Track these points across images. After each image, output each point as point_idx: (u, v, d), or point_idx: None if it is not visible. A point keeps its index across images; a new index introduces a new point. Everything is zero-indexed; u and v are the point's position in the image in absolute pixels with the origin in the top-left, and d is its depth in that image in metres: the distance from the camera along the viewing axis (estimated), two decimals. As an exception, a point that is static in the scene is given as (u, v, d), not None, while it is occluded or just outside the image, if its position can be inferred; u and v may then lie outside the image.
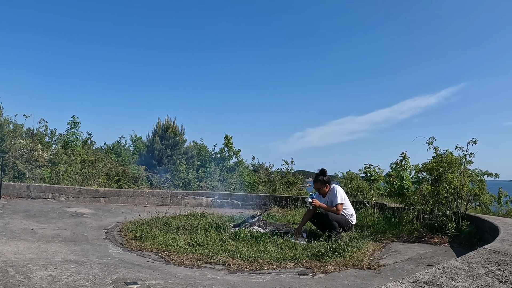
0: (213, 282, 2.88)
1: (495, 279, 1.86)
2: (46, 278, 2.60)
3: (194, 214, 6.39)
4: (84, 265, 3.06)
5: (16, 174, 8.91)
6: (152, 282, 2.73)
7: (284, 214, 7.48)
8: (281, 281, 3.08)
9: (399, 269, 3.46)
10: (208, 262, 3.67)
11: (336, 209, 4.96)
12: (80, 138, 13.28)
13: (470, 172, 5.59)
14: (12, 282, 2.44)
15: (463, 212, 5.17)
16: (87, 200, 8.08)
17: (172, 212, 6.48)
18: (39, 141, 10.60)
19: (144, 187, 11.02)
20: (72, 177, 9.76)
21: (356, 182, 10.08)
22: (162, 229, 5.10)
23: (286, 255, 3.99)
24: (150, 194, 8.90)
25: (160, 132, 16.35)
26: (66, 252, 3.61)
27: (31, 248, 3.62)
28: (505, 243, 2.92)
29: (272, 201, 8.85)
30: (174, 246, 4.20)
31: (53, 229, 4.79)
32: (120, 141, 17.64)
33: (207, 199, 9.27)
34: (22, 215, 5.59)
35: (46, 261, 3.11)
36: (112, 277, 2.77)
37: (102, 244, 4.31)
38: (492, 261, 2.24)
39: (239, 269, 3.46)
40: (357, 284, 3.00)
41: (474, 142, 5.36)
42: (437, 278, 1.82)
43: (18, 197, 7.52)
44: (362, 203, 7.12)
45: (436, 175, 5.55)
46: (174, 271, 3.25)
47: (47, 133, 11.73)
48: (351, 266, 3.59)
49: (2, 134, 10.00)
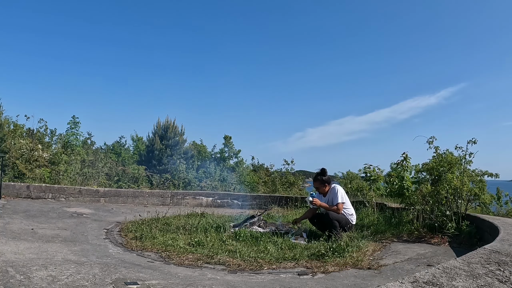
0: (213, 282, 2.88)
1: (495, 279, 1.86)
2: (46, 278, 2.60)
3: (194, 214, 6.39)
4: (84, 265, 3.06)
5: (16, 174, 8.90)
6: (152, 282, 2.73)
7: (284, 214, 7.47)
8: (281, 281, 3.08)
9: (399, 269, 3.46)
10: (208, 262, 3.67)
11: (337, 208, 4.97)
12: (80, 138, 13.28)
13: (470, 172, 5.60)
14: (12, 282, 2.44)
15: (463, 212, 5.17)
16: (87, 200, 8.08)
17: (172, 212, 6.48)
18: (39, 141, 10.61)
19: (144, 187, 11.03)
20: (72, 177, 9.76)
21: (356, 182, 10.08)
22: (162, 229, 5.10)
23: (286, 255, 3.99)
24: (150, 194, 8.90)
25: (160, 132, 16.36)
26: (66, 252, 3.61)
27: (31, 248, 3.62)
28: (505, 243, 2.92)
29: (272, 201, 8.85)
30: (174, 246, 4.20)
31: (53, 229, 4.79)
32: (120, 141, 17.66)
33: (207, 199, 9.27)
34: (22, 215, 5.59)
35: (46, 261, 3.11)
36: (112, 277, 2.77)
37: (102, 244, 4.31)
38: (492, 261, 2.24)
39: (239, 269, 3.46)
40: (357, 284, 3.00)
41: (474, 142, 5.37)
42: (437, 278, 1.82)
43: (18, 197, 7.52)
44: (362, 203, 7.12)
45: (436, 175, 5.55)
46: (174, 271, 3.25)
47: (47, 133, 11.74)
48: (351, 266, 3.59)
49: (2, 134, 10.01)
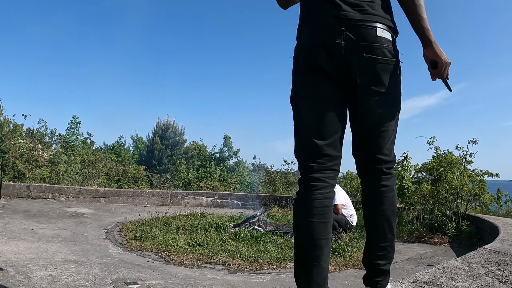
0: (213, 282, 2.88)
1: (495, 279, 1.86)
2: (46, 278, 2.60)
3: (194, 214, 6.39)
4: (84, 265, 3.06)
5: (16, 174, 8.90)
6: (152, 282, 2.73)
7: (284, 214, 7.47)
8: (281, 281, 3.08)
9: (399, 269, 3.46)
10: (208, 262, 3.67)
11: (336, 209, 4.98)
12: (80, 138, 13.29)
13: (470, 172, 5.60)
14: (12, 282, 2.44)
15: (463, 212, 5.17)
16: (87, 200, 8.08)
17: (172, 212, 6.48)
18: (39, 141, 10.61)
19: (144, 187, 11.03)
20: (72, 177, 9.76)
21: (356, 182, 10.08)
22: (162, 229, 5.10)
23: (286, 255, 3.98)
24: (150, 194, 8.90)
25: (160, 132, 16.38)
26: (66, 252, 3.61)
27: (31, 248, 3.61)
28: (505, 243, 2.92)
29: (272, 201, 8.85)
30: (174, 246, 4.20)
31: (53, 229, 4.79)
32: (120, 141, 17.67)
33: (207, 199, 9.27)
34: (22, 215, 5.59)
35: (46, 261, 3.11)
36: (112, 277, 2.77)
37: (102, 244, 4.31)
38: (492, 261, 2.24)
39: (239, 269, 3.46)
40: (357, 284, 3.00)
41: (474, 142, 5.37)
42: (437, 278, 1.82)
43: (18, 197, 7.52)
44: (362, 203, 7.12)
45: (436, 175, 5.56)
46: (174, 271, 3.25)
47: (47, 133, 11.74)
48: (351, 266, 3.59)
49: (2, 134, 10.01)
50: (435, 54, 1.36)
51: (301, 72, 1.37)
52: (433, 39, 1.37)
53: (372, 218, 1.44)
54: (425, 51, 1.39)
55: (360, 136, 1.40)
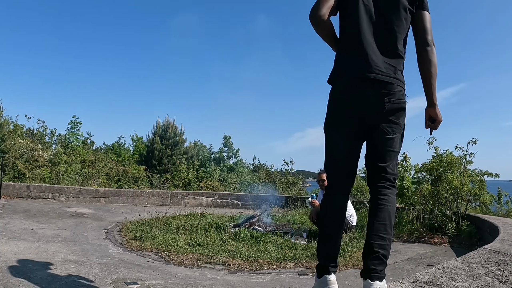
0: (213, 282, 2.88)
1: (495, 279, 1.86)
2: (46, 278, 2.60)
3: (194, 214, 6.39)
4: (84, 265, 3.06)
5: (16, 174, 8.90)
6: (152, 282, 2.73)
7: (284, 214, 7.48)
8: (281, 281, 3.08)
9: (399, 269, 3.46)
10: (208, 262, 3.67)
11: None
12: (80, 138, 13.29)
13: (470, 172, 5.60)
14: (12, 282, 2.44)
15: (463, 212, 5.17)
16: (87, 200, 8.08)
17: (172, 212, 6.48)
18: (39, 141, 10.61)
19: (144, 187, 11.03)
20: (72, 177, 9.75)
21: (356, 182, 10.08)
22: (162, 229, 5.10)
23: (286, 255, 3.99)
24: (150, 194, 8.90)
25: (160, 132, 16.36)
26: (66, 252, 3.61)
27: (31, 248, 3.61)
28: (505, 243, 2.92)
29: (272, 201, 8.86)
30: (174, 246, 4.20)
31: (53, 229, 4.79)
32: (120, 141, 17.66)
33: (207, 199, 9.27)
34: (22, 215, 5.59)
35: (46, 261, 3.11)
36: (112, 277, 2.77)
37: (102, 244, 4.31)
38: (492, 261, 2.24)
39: (239, 269, 3.46)
40: (357, 284, 3.00)
41: (474, 142, 5.37)
42: (437, 278, 1.82)
43: (18, 197, 7.52)
44: (362, 203, 7.13)
45: (436, 175, 5.56)
46: (174, 271, 3.25)
47: (47, 133, 11.75)
48: (351, 266, 3.59)
49: (2, 134, 10.01)
50: (436, 114, 1.76)
51: (337, 111, 1.77)
52: (436, 102, 1.76)
53: (378, 212, 1.71)
54: (428, 109, 1.78)
55: (374, 153, 1.77)
